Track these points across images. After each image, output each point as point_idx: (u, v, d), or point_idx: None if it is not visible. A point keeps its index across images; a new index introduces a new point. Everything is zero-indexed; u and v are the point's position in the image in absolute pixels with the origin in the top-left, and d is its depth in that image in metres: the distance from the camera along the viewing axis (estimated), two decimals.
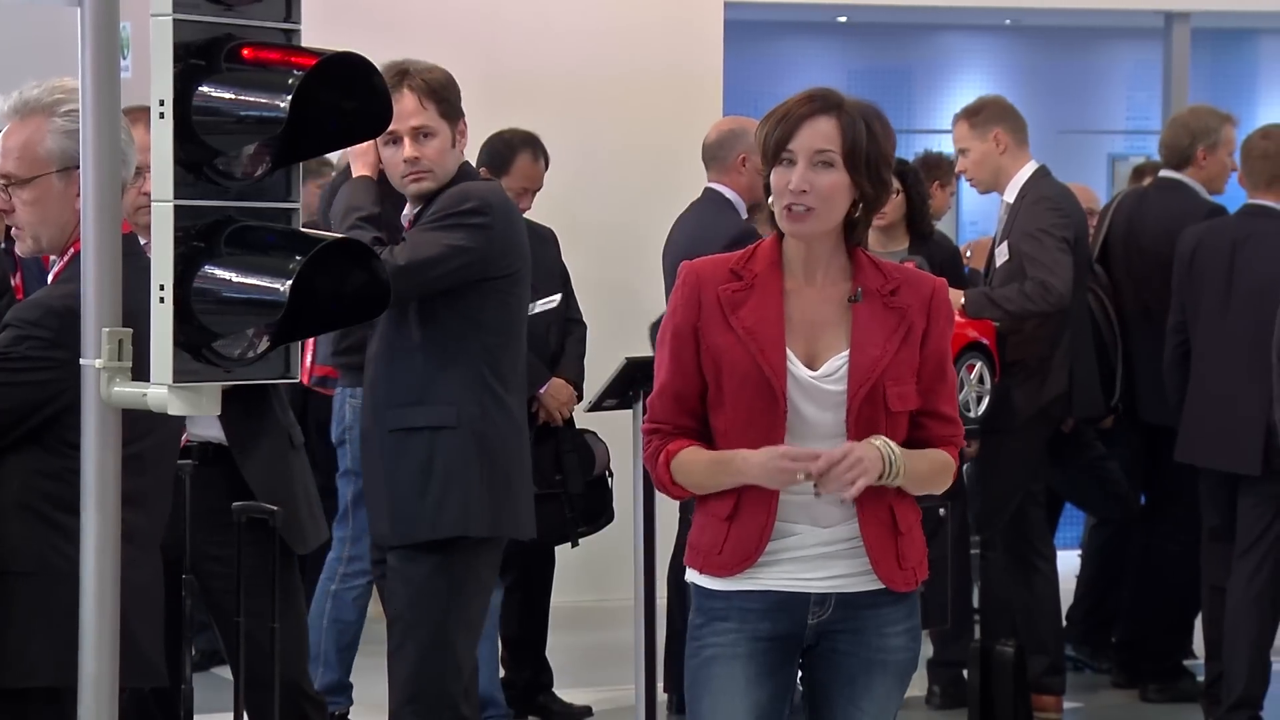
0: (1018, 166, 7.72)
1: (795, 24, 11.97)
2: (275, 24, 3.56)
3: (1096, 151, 13.41)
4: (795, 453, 3.93)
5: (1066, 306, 7.49)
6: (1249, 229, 7.42)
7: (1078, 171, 9.38)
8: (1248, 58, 13.32)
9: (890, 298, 4.08)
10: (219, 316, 3.53)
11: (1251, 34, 13.12)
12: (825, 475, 3.89)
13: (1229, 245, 7.44)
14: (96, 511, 3.62)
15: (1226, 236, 7.52)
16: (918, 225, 7.97)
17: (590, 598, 7.58)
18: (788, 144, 4.01)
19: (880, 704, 4.17)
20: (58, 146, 4.37)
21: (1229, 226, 7.61)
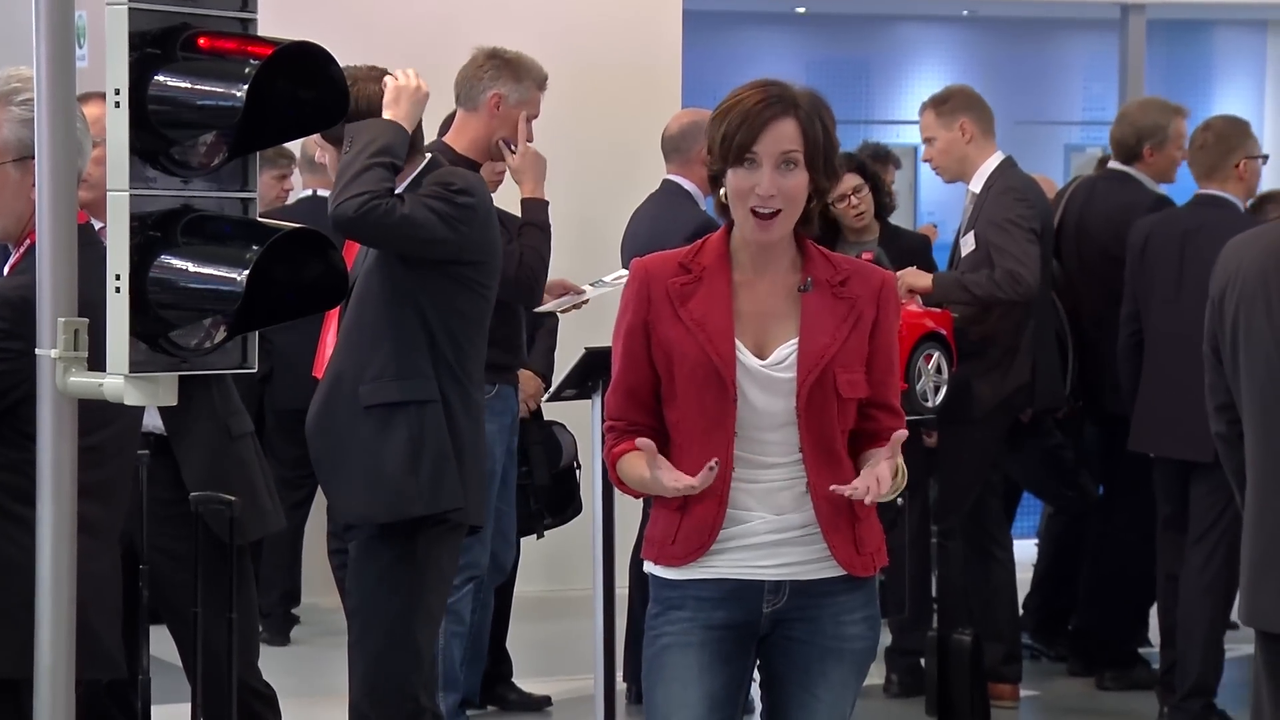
0: (984, 156, 7.75)
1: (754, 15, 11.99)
2: (232, 13, 3.56)
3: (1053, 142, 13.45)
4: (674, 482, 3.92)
5: (1034, 297, 7.53)
6: (1199, 219, 7.49)
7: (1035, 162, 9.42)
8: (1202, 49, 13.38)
9: (840, 288, 4.09)
10: (176, 307, 3.52)
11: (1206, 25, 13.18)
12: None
13: (1179, 235, 7.49)
14: (53, 502, 3.61)
15: (1177, 227, 7.58)
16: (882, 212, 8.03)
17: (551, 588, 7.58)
18: (752, 146, 4.00)
19: (837, 693, 4.17)
20: (14, 136, 4.35)
21: (1179, 217, 7.67)
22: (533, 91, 6.64)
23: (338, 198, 5.06)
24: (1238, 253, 4.92)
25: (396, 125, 5.15)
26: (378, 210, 5.01)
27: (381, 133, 5.11)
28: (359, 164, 5.06)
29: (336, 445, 5.28)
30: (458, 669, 6.84)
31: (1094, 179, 8.60)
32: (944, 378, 7.47)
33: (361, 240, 5.18)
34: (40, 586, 3.63)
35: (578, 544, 7.48)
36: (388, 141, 5.11)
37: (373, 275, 5.20)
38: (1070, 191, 8.54)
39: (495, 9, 9.31)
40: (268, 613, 8.61)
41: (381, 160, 5.07)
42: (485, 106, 6.57)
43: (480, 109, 6.58)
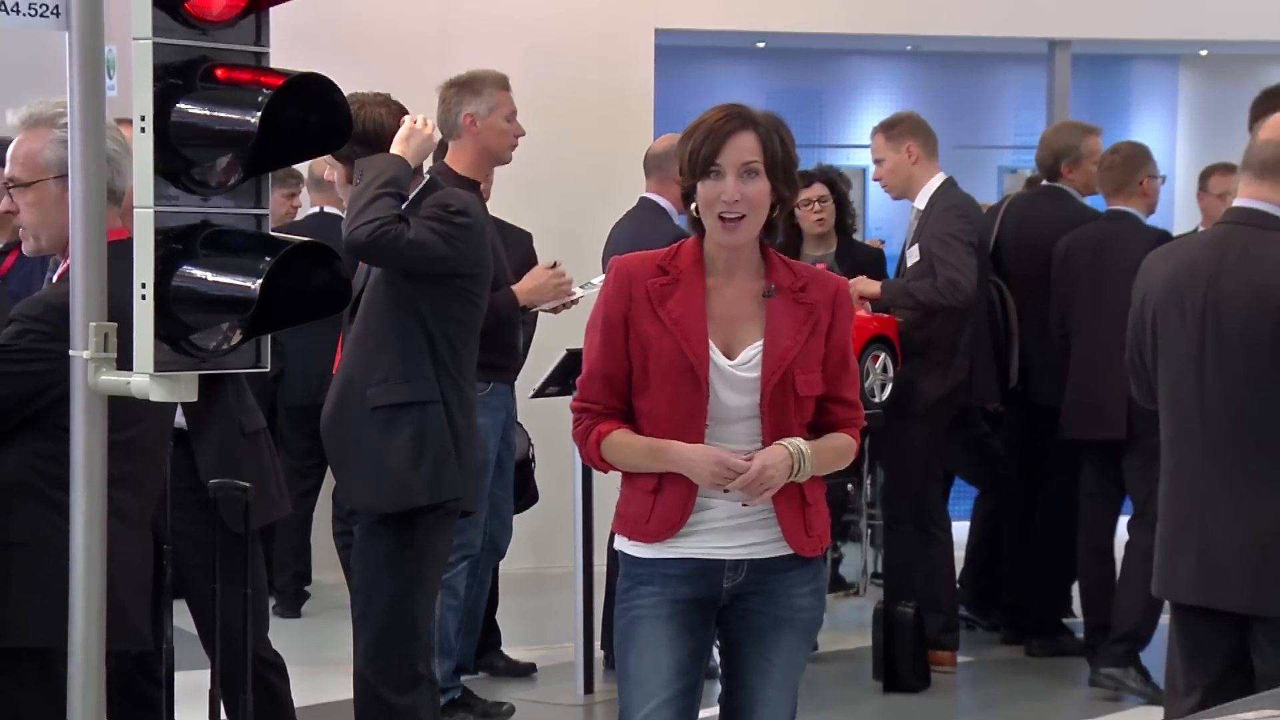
0: (928, 176, 7.78)
1: (719, 49, 11.98)
2: (246, 47, 3.55)
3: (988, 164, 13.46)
4: (731, 462, 3.95)
5: (971, 303, 7.56)
6: (1111, 230, 7.60)
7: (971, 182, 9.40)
8: (1121, 80, 13.42)
9: (800, 294, 4.11)
10: (196, 312, 3.51)
11: (1125, 59, 13.21)
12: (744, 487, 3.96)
13: (1094, 244, 7.57)
14: (84, 489, 3.62)
15: (1092, 237, 7.67)
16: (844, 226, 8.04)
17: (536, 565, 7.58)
18: (716, 158, 4.02)
19: (788, 657, 4.19)
20: (55, 155, 4.37)
21: (1093, 230, 7.75)
22: (496, 95, 6.66)
23: (351, 224, 5.05)
24: (1154, 265, 4.94)
25: (402, 160, 5.15)
26: (387, 236, 5.01)
27: (388, 166, 5.12)
28: (369, 194, 5.06)
29: (347, 443, 5.27)
30: (453, 639, 6.83)
31: (1030, 194, 8.64)
32: (889, 376, 7.51)
33: (373, 263, 5.17)
34: (74, 565, 3.63)
35: (560, 525, 7.47)
36: (394, 174, 5.11)
37: (378, 287, 5.19)
38: (1006, 206, 8.56)
39: (483, 40, 9.32)
40: (281, 589, 8.61)
41: (389, 190, 5.07)
42: (465, 129, 6.61)
43: (463, 133, 6.61)
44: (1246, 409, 4.60)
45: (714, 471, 3.96)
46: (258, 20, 3.56)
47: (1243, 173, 4.78)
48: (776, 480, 3.97)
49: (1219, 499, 4.65)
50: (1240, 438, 4.62)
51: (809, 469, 4.01)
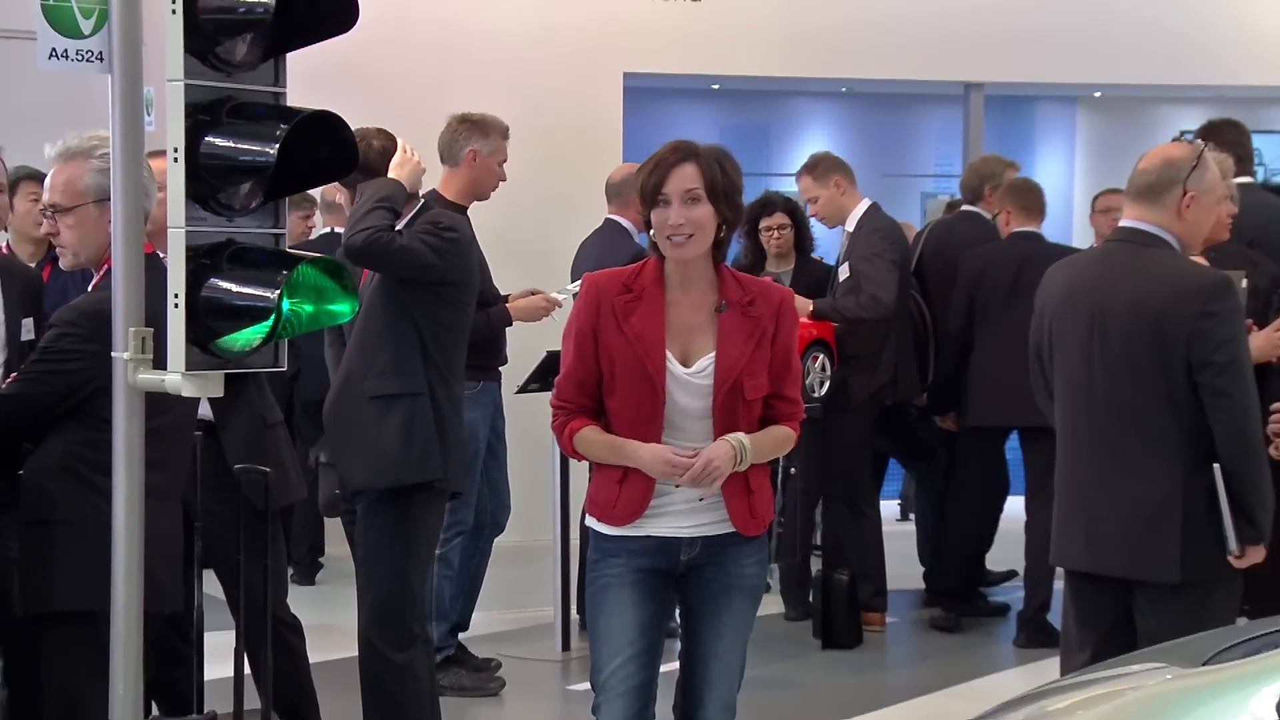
0: (854, 203, 7.82)
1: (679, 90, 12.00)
2: (266, 88, 3.56)
3: (912, 191, 13.52)
4: (676, 460, 3.98)
5: (892, 314, 7.59)
6: (1026, 249, 7.68)
7: (897, 206, 9.46)
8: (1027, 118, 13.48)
9: (748, 307, 4.11)
10: (222, 319, 3.51)
11: (1030, 100, 13.28)
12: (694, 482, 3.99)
13: (1015, 260, 7.62)
14: (125, 472, 3.62)
15: (1010, 254, 7.73)
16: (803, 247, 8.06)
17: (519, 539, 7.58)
18: (662, 188, 4.04)
19: (738, 618, 4.21)
20: (94, 182, 4.37)
21: (1008, 247, 7.82)
22: (499, 142, 6.66)
23: (349, 232, 5.08)
24: (1052, 278, 4.96)
25: (397, 183, 5.17)
26: (380, 242, 5.02)
27: (384, 187, 5.14)
28: (366, 207, 5.08)
29: (347, 427, 5.27)
30: (447, 604, 6.83)
31: (950, 219, 8.70)
32: (827, 375, 7.55)
33: (368, 266, 5.18)
34: (115, 538, 3.63)
35: (541, 504, 7.47)
36: (389, 193, 5.13)
37: (376, 294, 5.19)
38: (930, 228, 8.62)
39: (475, 81, 9.31)
40: (298, 560, 8.59)
41: (383, 205, 5.09)
42: (464, 160, 6.58)
43: (461, 163, 6.58)
44: (1128, 402, 4.61)
45: (662, 470, 3.99)
46: (276, 64, 3.57)
47: (1127, 196, 4.81)
48: (722, 471, 3.99)
49: (1104, 479, 4.66)
50: (1122, 427, 4.63)
51: (750, 458, 4.04)
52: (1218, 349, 4.49)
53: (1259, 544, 4.52)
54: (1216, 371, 4.49)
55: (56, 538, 4.26)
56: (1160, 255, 4.63)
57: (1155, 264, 4.63)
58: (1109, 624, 4.68)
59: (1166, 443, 4.55)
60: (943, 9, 10.63)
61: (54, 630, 4.34)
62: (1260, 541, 4.52)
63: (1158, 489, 4.55)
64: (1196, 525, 4.51)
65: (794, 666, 7.34)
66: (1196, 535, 4.51)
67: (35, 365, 4.38)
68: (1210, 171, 4.69)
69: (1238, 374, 4.51)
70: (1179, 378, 4.52)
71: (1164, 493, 4.54)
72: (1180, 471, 4.53)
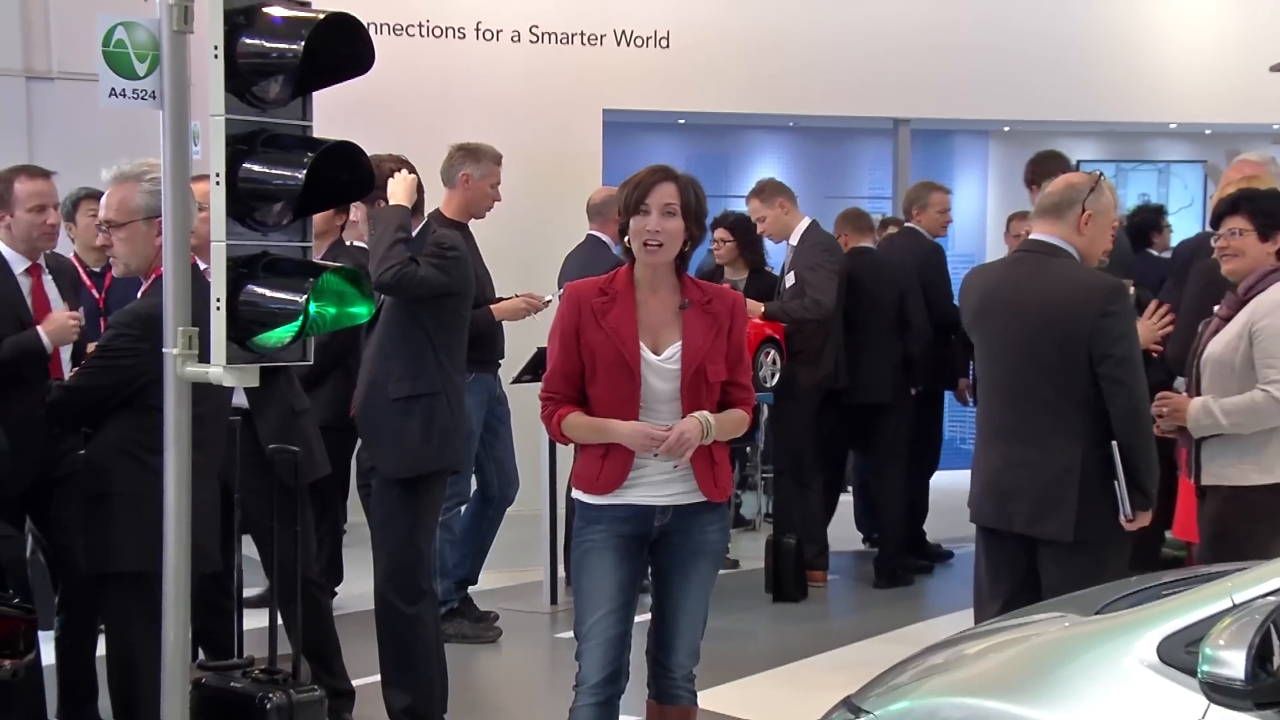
0: (796, 221, 7.84)
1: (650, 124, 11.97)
2: (295, 121, 3.54)
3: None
4: (654, 433, 3.99)
5: (832, 315, 7.60)
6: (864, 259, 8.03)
7: None
8: (947, 149, 13.47)
9: (707, 305, 4.13)
10: (257, 320, 3.50)
11: (949, 133, 13.26)
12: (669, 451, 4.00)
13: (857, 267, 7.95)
14: (174, 451, 3.60)
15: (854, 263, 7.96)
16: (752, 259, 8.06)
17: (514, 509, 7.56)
18: (644, 200, 4.04)
19: (702, 576, 4.21)
20: (144, 202, 4.36)
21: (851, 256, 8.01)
22: (490, 166, 6.66)
23: (378, 269, 5.00)
24: (972, 281, 4.98)
25: (403, 208, 5.13)
26: (406, 276, 4.99)
27: (395, 216, 5.10)
28: (387, 240, 5.02)
29: (375, 425, 5.21)
30: (449, 565, 6.82)
31: (896, 234, 8.78)
32: (777, 368, 7.57)
33: (395, 296, 5.12)
34: (166, 508, 3.62)
35: (533, 480, 7.46)
36: (400, 221, 5.09)
37: (393, 307, 5.17)
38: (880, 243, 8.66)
39: (472, 113, 9.31)
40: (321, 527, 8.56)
41: (400, 237, 5.05)
42: (459, 183, 6.60)
43: (457, 185, 6.61)
44: (1036, 388, 4.64)
45: (642, 442, 3.99)
46: (304, 102, 3.55)
47: (1034, 214, 4.83)
48: (693, 442, 4.00)
49: (1015, 453, 4.68)
50: (1031, 408, 4.66)
51: (714, 434, 4.05)
52: (1115, 344, 4.53)
53: (1148, 510, 4.56)
54: (1114, 363, 4.52)
55: (115, 509, 4.26)
56: (1064, 264, 4.67)
57: (1059, 271, 4.66)
58: (1017, 579, 4.69)
59: (1068, 422, 4.58)
60: (875, 56, 10.66)
61: (113, 588, 4.34)
62: (1149, 508, 4.55)
63: (1060, 461, 4.58)
64: (1091, 493, 4.54)
65: (749, 617, 7.35)
66: (1091, 501, 4.54)
67: (95, 361, 4.38)
68: (1104, 195, 4.73)
69: (1132, 365, 4.54)
70: (1080, 368, 4.55)
71: (1065, 465, 4.57)
72: (1079, 447, 4.56)
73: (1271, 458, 4.86)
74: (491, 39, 9.98)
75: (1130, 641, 2.81)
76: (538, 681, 6.49)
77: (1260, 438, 4.86)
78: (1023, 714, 2.84)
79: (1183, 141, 13.68)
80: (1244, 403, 4.84)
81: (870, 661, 3.99)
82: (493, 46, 9.97)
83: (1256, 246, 4.99)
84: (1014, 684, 2.95)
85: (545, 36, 10.07)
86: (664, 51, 10.32)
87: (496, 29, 9.99)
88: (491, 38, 9.98)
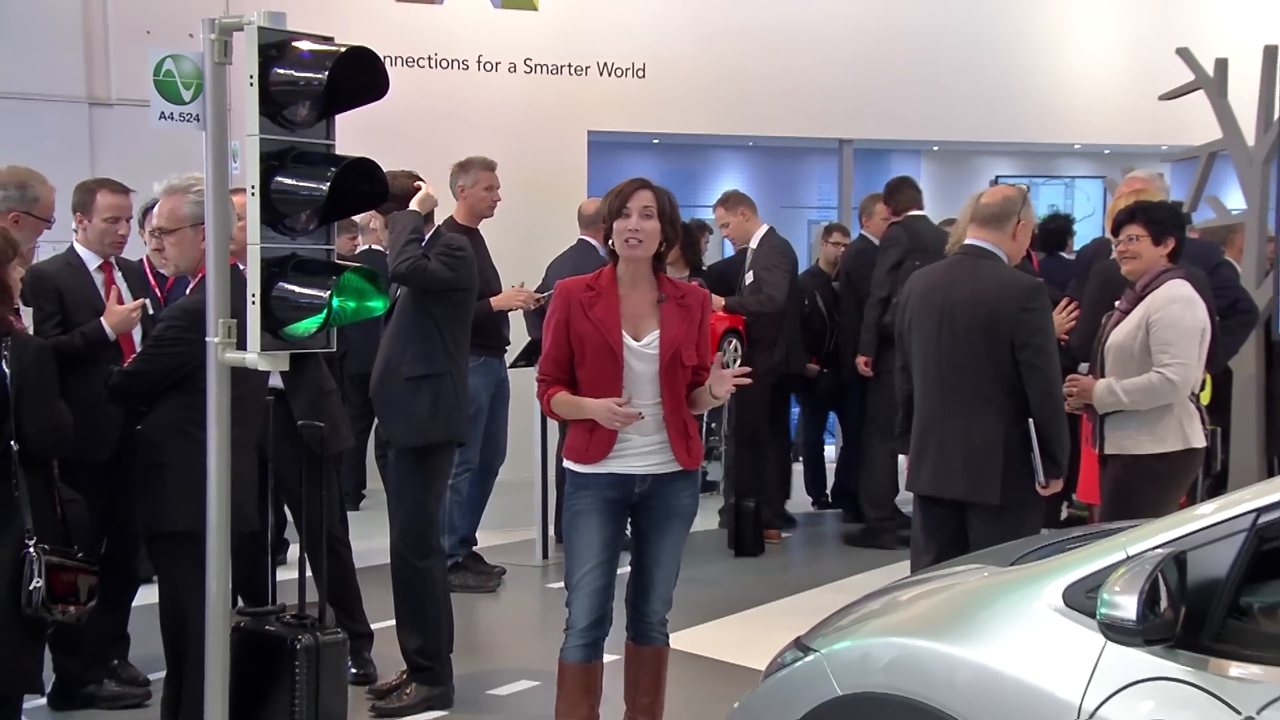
0: (755, 227, 7.84)
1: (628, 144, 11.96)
2: (320, 140, 3.53)
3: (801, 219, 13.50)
4: (615, 410, 3.98)
5: (784, 309, 7.60)
6: None
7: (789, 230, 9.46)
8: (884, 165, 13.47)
9: (681, 300, 4.13)
10: (287, 312, 3.49)
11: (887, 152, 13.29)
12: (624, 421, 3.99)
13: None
14: (216, 427, 3.59)
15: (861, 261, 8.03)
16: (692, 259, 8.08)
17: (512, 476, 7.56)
18: (626, 204, 4.04)
19: (675, 535, 4.22)
20: (191, 211, 4.34)
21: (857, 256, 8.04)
22: (480, 174, 6.70)
23: (394, 261, 5.01)
24: (914, 281, 5.00)
25: (418, 214, 5.14)
26: (418, 269, 4.99)
27: (411, 220, 5.10)
28: (403, 240, 5.03)
29: (390, 401, 5.20)
30: (455, 523, 6.82)
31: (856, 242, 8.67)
32: (738, 354, 7.57)
33: (409, 286, 5.11)
34: (209, 476, 3.61)
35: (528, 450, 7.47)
36: (415, 224, 5.09)
37: (407, 299, 5.16)
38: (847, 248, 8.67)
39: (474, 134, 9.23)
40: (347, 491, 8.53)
41: (414, 237, 5.05)
42: (457, 193, 6.66)
43: (456, 196, 6.65)
44: (966, 371, 4.66)
45: (606, 416, 3.99)
46: (327, 123, 3.53)
47: (970, 222, 4.83)
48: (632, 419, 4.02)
49: (946, 425, 4.70)
50: (962, 390, 4.67)
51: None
52: (1034, 335, 4.55)
53: (1059, 478, 4.58)
54: (1032, 351, 4.54)
55: (167, 477, 4.25)
56: (992, 265, 4.70)
57: (989, 272, 4.69)
58: (948, 536, 4.72)
59: (993, 402, 4.60)
60: (823, 86, 10.65)
61: (165, 545, 4.32)
62: (1060, 476, 4.58)
63: (986, 436, 4.60)
64: (1013, 463, 4.56)
65: (715, 569, 7.37)
66: (1013, 470, 4.57)
67: (150, 349, 4.37)
68: (1030, 207, 4.79)
69: (1047, 353, 4.57)
70: (1004, 355, 4.58)
71: (990, 439, 4.59)
72: (1003, 424, 4.58)
73: (1164, 430, 4.90)
74: (491, 70, 9.94)
75: (1039, 589, 2.83)
76: (532, 625, 6.50)
77: (1155, 413, 4.90)
78: (947, 651, 2.86)
79: (1085, 160, 13.74)
80: (1142, 383, 4.88)
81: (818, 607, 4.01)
82: (492, 76, 9.94)
83: (1151, 250, 5.03)
84: (940, 625, 2.97)
85: (537, 68, 10.04)
86: (641, 81, 10.30)
87: (495, 61, 9.96)
88: (491, 69, 9.94)
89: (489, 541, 7.45)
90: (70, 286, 5.06)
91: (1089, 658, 2.63)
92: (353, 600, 5.46)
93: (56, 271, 5.10)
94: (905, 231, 7.73)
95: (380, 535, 5.61)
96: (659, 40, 10.31)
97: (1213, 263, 6.19)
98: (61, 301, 5.01)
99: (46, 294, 5.00)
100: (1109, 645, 2.62)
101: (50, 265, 5.19)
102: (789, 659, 3.22)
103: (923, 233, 7.73)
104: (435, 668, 5.16)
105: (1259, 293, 7.01)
